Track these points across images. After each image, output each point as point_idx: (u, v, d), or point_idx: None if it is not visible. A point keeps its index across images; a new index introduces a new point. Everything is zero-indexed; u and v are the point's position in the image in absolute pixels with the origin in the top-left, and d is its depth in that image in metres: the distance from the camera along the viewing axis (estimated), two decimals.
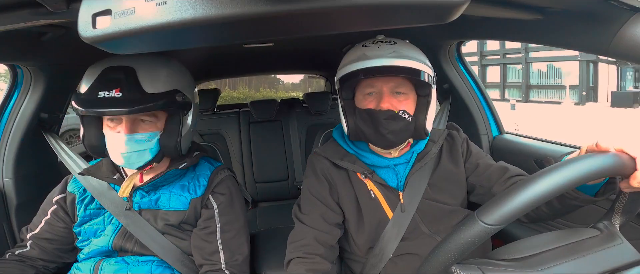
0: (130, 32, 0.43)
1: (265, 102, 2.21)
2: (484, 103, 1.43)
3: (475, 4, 0.65)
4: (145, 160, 0.83)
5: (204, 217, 0.91)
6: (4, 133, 1.07)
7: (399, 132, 0.83)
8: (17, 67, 1.04)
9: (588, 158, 0.49)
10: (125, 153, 0.80)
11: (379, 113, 0.82)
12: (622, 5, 0.59)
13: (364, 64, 0.81)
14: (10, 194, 1.07)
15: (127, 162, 0.82)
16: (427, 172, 0.91)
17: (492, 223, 0.47)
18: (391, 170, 0.91)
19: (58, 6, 0.56)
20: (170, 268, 0.90)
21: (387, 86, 0.83)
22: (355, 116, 0.87)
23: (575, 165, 0.48)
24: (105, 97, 0.74)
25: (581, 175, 0.48)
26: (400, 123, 0.82)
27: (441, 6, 0.45)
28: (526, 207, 0.47)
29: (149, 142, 0.82)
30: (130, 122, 0.80)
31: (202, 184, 0.92)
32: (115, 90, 0.74)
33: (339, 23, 0.52)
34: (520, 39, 0.93)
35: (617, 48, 0.64)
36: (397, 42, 0.85)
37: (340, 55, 0.94)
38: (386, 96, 0.83)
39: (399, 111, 0.82)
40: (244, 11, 0.41)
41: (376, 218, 0.89)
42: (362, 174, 0.90)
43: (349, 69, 0.83)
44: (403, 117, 0.83)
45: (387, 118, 0.82)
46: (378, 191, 0.89)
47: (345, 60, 0.88)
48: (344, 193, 0.91)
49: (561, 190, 0.48)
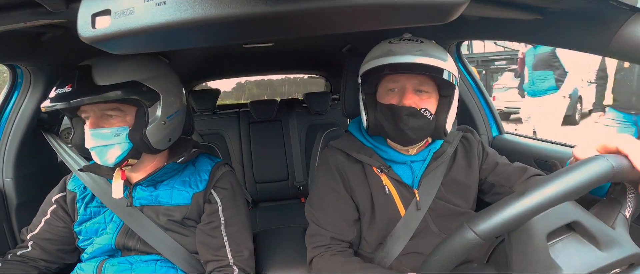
0: (129, 32, 0.43)
1: (265, 102, 2.21)
2: (484, 103, 1.43)
3: (475, 4, 0.65)
4: (116, 155, 0.82)
5: (208, 212, 0.91)
6: (4, 133, 1.07)
7: (418, 129, 0.83)
8: (16, 67, 1.04)
9: (583, 166, 0.46)
10: (92, 148, 0.81)
11: (401, 109, 0.82)
12: (622, 5, 0.59)
13: (390, 59, 0.81)
14: (10, 194, 1.07)
15: (99, 158, 0.82)
16: (441, 172, 0.91)
17: (482, 234, 0.45)
18: (407, 166, 0.91)
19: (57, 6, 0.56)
20: (174, 267, 0.90)
21: (411, 83, 0.83)
22: (376, 110, 0.87)
23: (570, 175, 0.45)
24: (59, 93, 0.77)
25: (580, 185, 0.45)
26: (420, 120, 0.83)
27: (441, 6, 0.45)
28: (519, 221, 0.45)
29: (116, 137, 0.81)
30: (95, 117, 0.81)
31: (203, 179, 0.92)
32: (67, 86, 0.77)
33: (339, 23, 0.52)
34: (520, 39, 0.93)
35: (617, 48, 0.64)
36: (424, 42, 0.85)
37: (341, 55, 0.95)
38: (409, 92, 0.83)
39: (421, 108, 0.83)
40: (243, 11, 0.41)
41: (388, 215, 0.89)
42: (378, 168, 0.90)
43: (374, 64, 0.83)
44: (424, 115, 0.83)
45: (408, 114, 0.82)
46: (392, 187, 0.89)
47: (370, 55, 0.88)
48: (359, 187, 0.91)
49: (561, 200, 0.45)
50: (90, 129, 0.80)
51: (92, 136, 0.80)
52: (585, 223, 0.47)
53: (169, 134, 0.88)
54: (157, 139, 0.84)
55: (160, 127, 0.84)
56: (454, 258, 0.48)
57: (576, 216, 0.47)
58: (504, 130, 1.46)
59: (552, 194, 0.45)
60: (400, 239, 0.87)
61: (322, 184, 0.93)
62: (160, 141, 0.85)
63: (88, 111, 0.81)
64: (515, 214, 0.45)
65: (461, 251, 0.47)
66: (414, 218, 0.88)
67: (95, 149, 0.81)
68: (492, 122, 1.44)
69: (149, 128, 0.82)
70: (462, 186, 0.93)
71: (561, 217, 0.47)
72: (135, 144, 0.82)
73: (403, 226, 0.88)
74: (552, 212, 0.46)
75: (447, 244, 0.48)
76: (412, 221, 0.87)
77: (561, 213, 0.47)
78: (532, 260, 0.46)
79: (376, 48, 0.89)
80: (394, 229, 0.88)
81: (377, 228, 0.89)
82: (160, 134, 0.85)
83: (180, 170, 0.93)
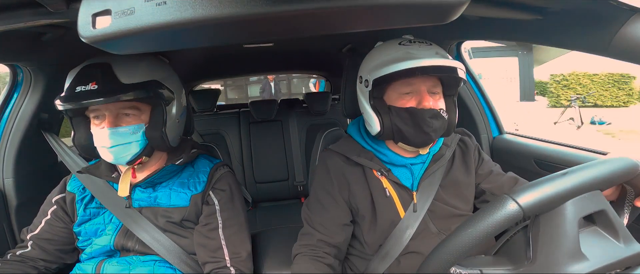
0: (129, 32, 0.43)
1: (265, 102, 2.21)
2: (484, 103, 1.43)
3: (475, 4, 0.65)
4: (133, 153, 0.83)
5: (206, 213, 0.91)
6: (4, 133, 1.07)
7: (440, 129, 0.85)
8: (17, 67, 1.04)
9: (622, 159, 0.49)
10: (110, 147, 0.81)
11: (424, 112, 0.82)
12: (622, 5, 0.59)
13: (411, 63, 0.79)
14: (10, 194, 1.07)
15: (115, 157, 0.82)
16: (440, 174, 0.92)
17: (526, 207, 0.45)
18: (407, 169, 0.91)
19: (58, 6, 0.56)
20: (172, 267, 0.90)
21: (426, 85, 0.83)
22: (390, 114, 0.85)
23: (613, 162, 0.48)
24: (82, 90, 0.77)
25: (619, 172, 0.48)
26: (441, 121, 0.84)
27: (441, 6, 0.45)
28: (564, 197, 0.45)
29: (133, 134, 0.82)
30: (112, 116, 0.81)
31: (202, 181, 0.93)
32: (91, 83, 0.77)
33: (339, 23, 0.52)
34: (520, 39, 0.93)
35: (617, 48, 0.64)
36: (432, 44, 0.86)
37: (341, 55, 0.95)
38: (426, 95, 0.83)
39: (439, 109, 0.84)
40: (243, 11, 0.41)
41: (389, 217, 0.89)
42: (378, 171, 0.90)
43: (397, 68, 0.81)
44: (443, 115, 0.85)
45: (431, 117, 0.82)
46: (393, 190, 0.90)
47: (382, 59, 0.85)
48: (359, 191, 0.91)
49: (603, 184, 0.47)
50: (108, 128, 0.80)
51: (111, 135, 0.80)
52: (611, 215, 0.48)
53: (180, 131, 0.93)
54: (174, 136, 0.89)
55: (175, 124, 0.89)
56: (492, 230, 0.46)
57: (604, 206, 0.48)
58: (504, 130, 1.46)
59: (598, 175, 0.46)
60: (400, 240, 0.88)
61: (319, 187, 0.94)
62: (175, 138, 0.90)
63: (103, 110, 0.81)
64: (563, 189, 0.45)
65: (500, 223, 0.46)
66: (413, 220, 0.88)
67: (113, 147, 0.81)
68: (492, 122, 1.45)
69: (168, 126, 0.86)
70: (460, 188, 0.93)
71: (593, 204, 0.47)
72: (153, 141, 0.85)
73: (403, 228, 0.88)
74: (588, 197, 0.47)
75: (485, 214, 0.47)
76: (411, 223, 0.88)
77: (594, 200, 0.47)
78: (560, 245, 0.46)
79: (383, 51, 0.87)
80: (394, 231, 0.88)
81: (378, 230, 0.89)
82: (175, 132, 0.89)
83: (179, 171, 0.93)
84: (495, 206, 0.46)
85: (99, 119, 0.82)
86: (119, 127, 0.81)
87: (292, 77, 8.65)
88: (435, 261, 0.50)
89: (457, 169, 0.94)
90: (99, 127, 0.81)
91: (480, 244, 0.47)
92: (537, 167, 1.23)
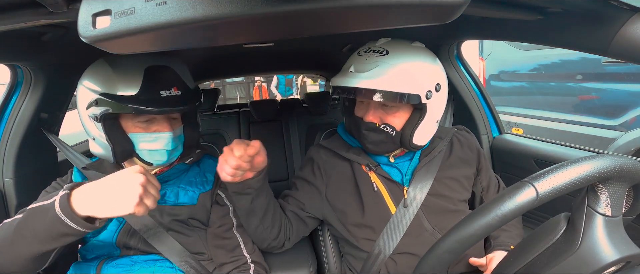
0: (130, 32, 0.43)
1: (266, 102, 2.21)
2: (484, 103, 1.43)
3: (475, 4, 0.65)
4: (178, 154, 0.87)
5: (219, 215, 0.92)
6: (4, 133, 1.07)
7: (379, 143, 0.85)
8: (17, 67, 1.04)
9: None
10: (169, 151, 0.82)
11: (362, 124, 0.85)
12: (622, 5, 0.59)
13: (344, 81, 0.83)
14: (10, 194, 1.07)
15: (168, 160, 0.84)
16: (435, 168, 0.91)
17: (542, 193, 0.45)
18: (393, 167, 0.92)
19: (58, 6, 0.56)
20: (173, 267, 0.90)
21: (375, 97, 0.80)
22: (350, 118, 0.91)
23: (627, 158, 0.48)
24: (168, 96, 0.77)
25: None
26: (380, 136, 0.84)
27: (441, 6, 0.45)
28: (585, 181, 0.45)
29: (180, 138, 0.86)
30: (164, 120, 0.82)
31: (209, 180, 0.94)
32: (173, 88, 0.78)
33: (339, 23, 0.52)
34: (520, 39, 0.94)
35: (617, 48, 0.64)
36: (389, 52, 0.82)
37: (341, 55, 0.96)
38: (371, 108, 0.85)
39: (382, 124, 0.84)
40: (244, 11, 0.41)
41: (378, 213, 0.89)
42: (366, 166, 0.90)
43: (334, 83, 0.86)
44: (385, 131, 0.84)
45: (367, 129, 0.84)
46: (381, 185, 0.90)
47: (343, 68, 0.89)
48: (343, 186, 0.92)
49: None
50: (168, 132, 0.81)
51: (173, 140, 0.82)
52: None
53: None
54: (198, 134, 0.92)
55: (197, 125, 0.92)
56: (510, 215, 0.47)
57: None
58: (505, 130, 1.46)
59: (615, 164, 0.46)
60: (393, 236, 0.87)
61: (298, 177, 0.99)
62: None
63: (157, 115, 0.80)
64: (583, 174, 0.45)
65: (517, 209, 0.46)
66: (405, 215, 0.88)
67: (170, 150, 0.82)
68: (492, 122, 1.45)
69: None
70: (456, 182, 0.93)
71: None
72: (191, 141, 0.88)
73: (394, 224, 0.88)
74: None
75: (503, 198, 0.47)
76: (402, 219, 0.88)
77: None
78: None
79: (348, 60, 0.89)
80: (385, 227, 0.88)
81: (368, 226, 0.90)
82: (198, 130, 0.93)
83: (186, 170, 0.94)
84: (513, 189, 0.47)
85: (146, 123, 0.81)
86: (172, 131, 0.82)
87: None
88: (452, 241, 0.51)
89: (455, 163, 0.94)
90: (149, 132, 0.81)
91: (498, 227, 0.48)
92: (537, 167, 1.23)
